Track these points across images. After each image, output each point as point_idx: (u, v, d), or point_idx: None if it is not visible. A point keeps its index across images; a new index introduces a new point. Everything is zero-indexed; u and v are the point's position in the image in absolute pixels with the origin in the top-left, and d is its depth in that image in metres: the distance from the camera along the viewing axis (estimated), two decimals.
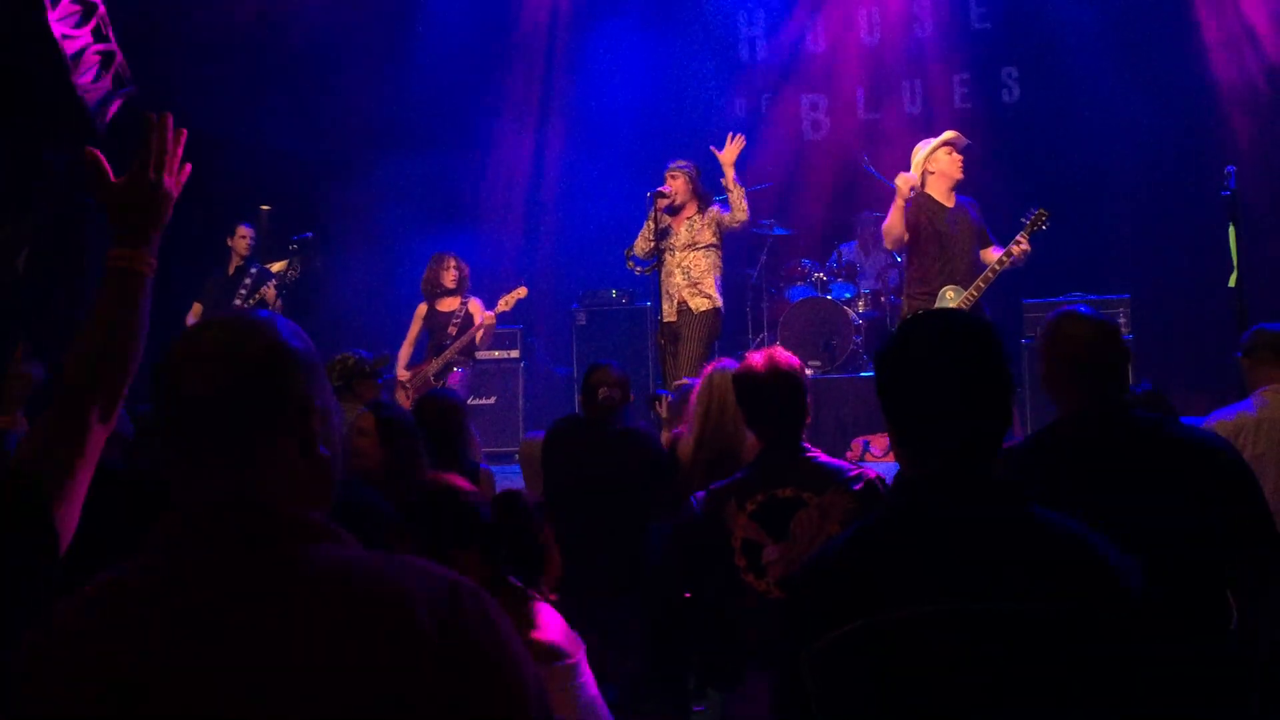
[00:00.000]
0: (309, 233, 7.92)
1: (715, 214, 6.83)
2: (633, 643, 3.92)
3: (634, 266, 7.07)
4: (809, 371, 3.74)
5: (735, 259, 8.08)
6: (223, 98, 8.84)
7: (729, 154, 6.78)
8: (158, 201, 1.80)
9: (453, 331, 7.39)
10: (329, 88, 9.76)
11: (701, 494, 3.13)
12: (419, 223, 9.40)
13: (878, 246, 8.79)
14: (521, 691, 1.20)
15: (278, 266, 7.81)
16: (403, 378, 7.36)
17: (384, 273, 9.52)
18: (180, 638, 1.14)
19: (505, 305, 7.34)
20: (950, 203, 6.18)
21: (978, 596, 1.49)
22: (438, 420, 4.20)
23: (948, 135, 6.25)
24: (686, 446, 4.02)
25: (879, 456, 7.07)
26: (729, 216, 6.79)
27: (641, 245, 6.94)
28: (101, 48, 7.24)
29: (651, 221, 6.77)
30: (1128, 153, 8.61)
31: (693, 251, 6.79)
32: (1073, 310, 2.58)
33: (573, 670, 2.32)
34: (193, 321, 7.62)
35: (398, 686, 1.13)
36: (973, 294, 5.95)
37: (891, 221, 6.17)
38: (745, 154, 6.94)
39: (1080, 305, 2.62)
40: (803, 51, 9.96)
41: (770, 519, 2.98)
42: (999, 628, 1.47)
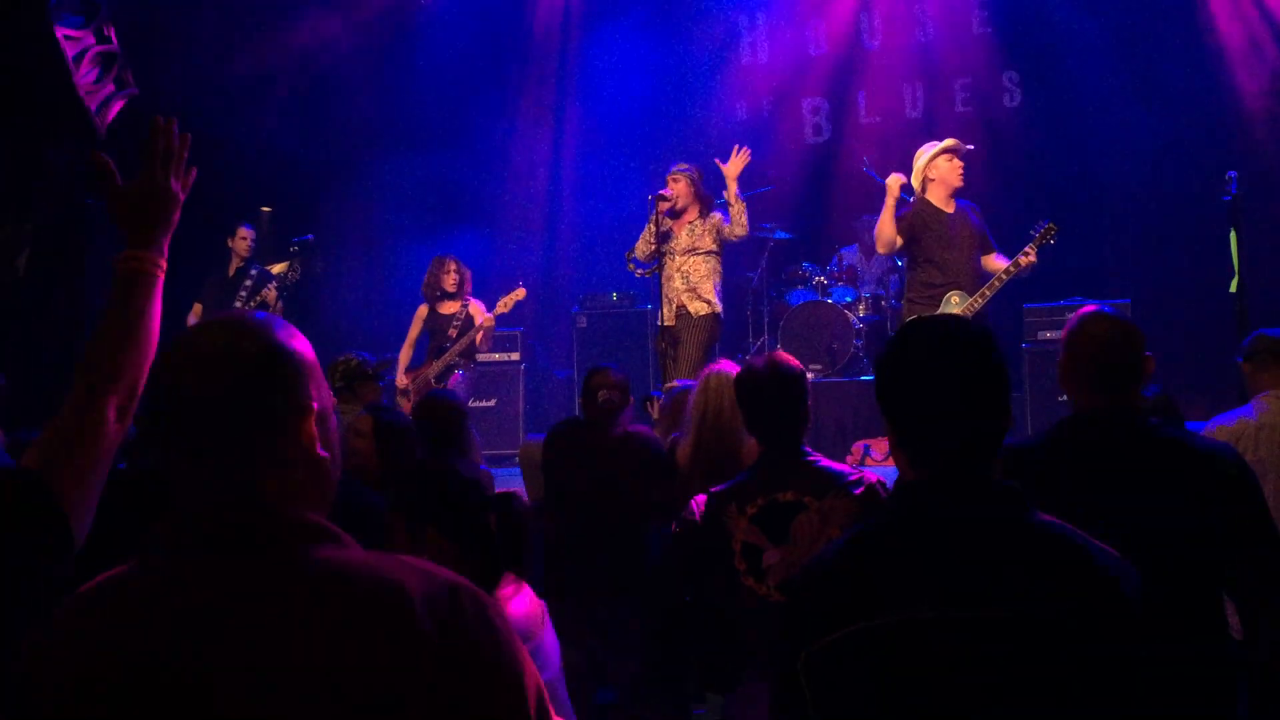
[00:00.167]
0: (310, 234, 7.92)
1: (717, 221, 6.81)
2: (633, 645, 3.93)
3: (635, 269, 7.06)
4: (809, 375, 3.75)
5: (736, 262, 8.09)
6: (224, 99, 8.85)
7: (733, 167, 6.74)
8: (165, 204, 1.82)
9: (453, 334, 7.39)
10: (330, 89, 9.77)
11: (702, 497, 3.13)
12: (420, 225, 9.42)
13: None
14: (520, 692, 1.20)
15: (278, 268, 7.80)
16: (403, 383, 7.35)
17: (385, 275, 9.53)
18: (180, 639, 1.14)
19: (504, 307, 7.33)
20: (950, 208, 6.16)
21: (976, 601, 1.49)
22: (438, 422, 4.21)
23: (948, 142, 6.24)
24: (684, 450, 4.02)
25: (879, 460, 7.06)
26: (728, 229, 6.77)
27: (642, 248, 6.93)
28: (103, 49, 7.25)
29: (653, 224, 6.77)
30: (1129, 157, 8.60)
31: (693, 256, 6.79)
32: (1098, 310, 2.59)
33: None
34: (193, 322, 7.61)
35: (397, 687, 1.13)
36: (977, 301, 5.93)
37: (882, 223, 6.15)
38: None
39: (1106, 306, 2.63)
40: (804, 55, 9.96)
41: (771, 522, 2.98)
42: (997, 632, 1.47)
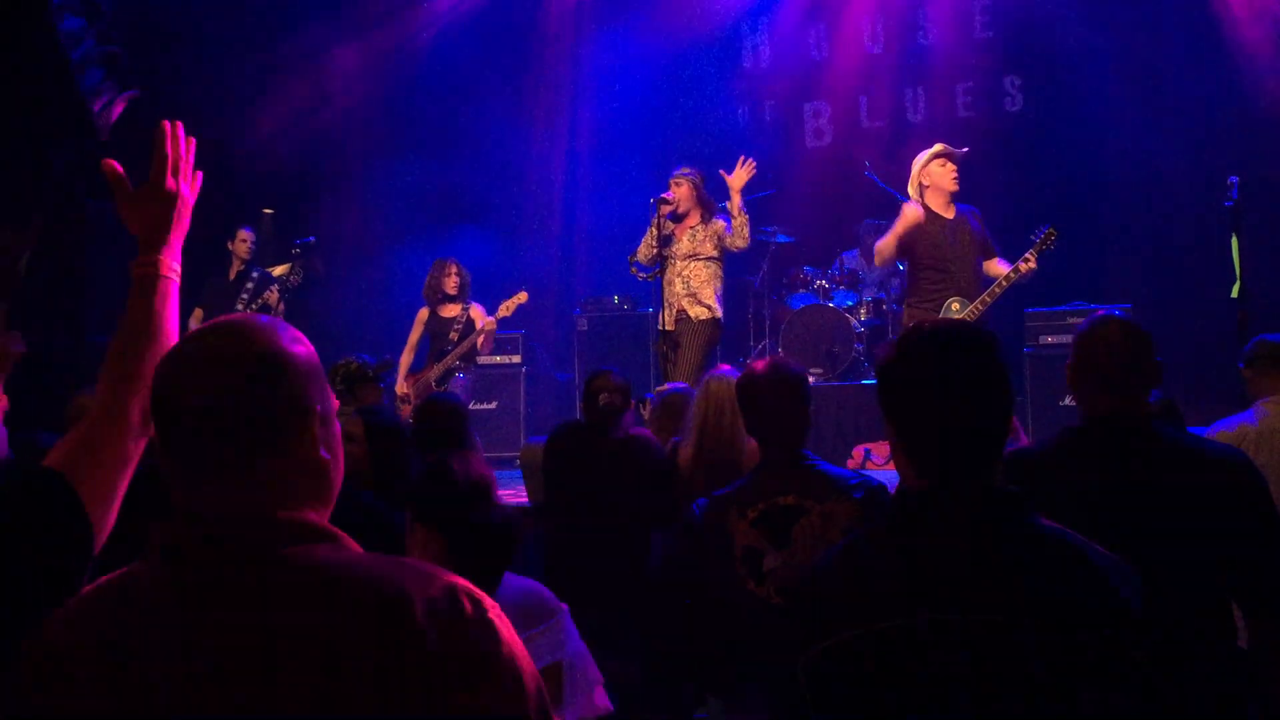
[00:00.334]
0: (311, 237, 7.92)
1: (719, 228, 6.79)
2: (633, 648, 3.92)
3: (637, 273, 7.06)
4: (810, 379, 3.74)
5: (737, 266, 8.08)
6: (226, 100, 8.87)
7: (738, 179, 6.71)
8: (175, 208, 1.83)
9: (454, 337, 7.38)
10: (333, 91, 9.78)
11: (703, 500, 3.13)
12: (422, 228, 9.42)
13: None
14: (521, 693, 1.20)
15: (280, 270, 7.79)
16: (403, 387, 7.35)
17: (386, 277, 9.53)
18: (179, 641, 1.14)
19: (506, 310, 7.32)
20: (950, 214, 6.12)
21: (977, 606, 1.49)
22: (440, 424, 4.20)
23: (937, 148, 6.19)
24: (685, 453, 4.02)
25: (880, 464, 7.06)
26: (729, 239, 6.75)
27: (644, 251, 6.93)
28: (105, 50, 7.27)
29: (654, 228, 6.77)
30: (1130, 162, 8.60)
31: (694, 262, 6.78)
32: (1109, 315, 2.59)
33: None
34: (195, 326, 7.60)
35: (397, 688, 1.13)
36: (978, 307, 5.91)
37: (885, 243, 6.12)
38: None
39: (1117, 310, 2.63)
40: (806, 59, 9.96)
41: (772, 526, 2.98)
42: (997, 637, 1.47)
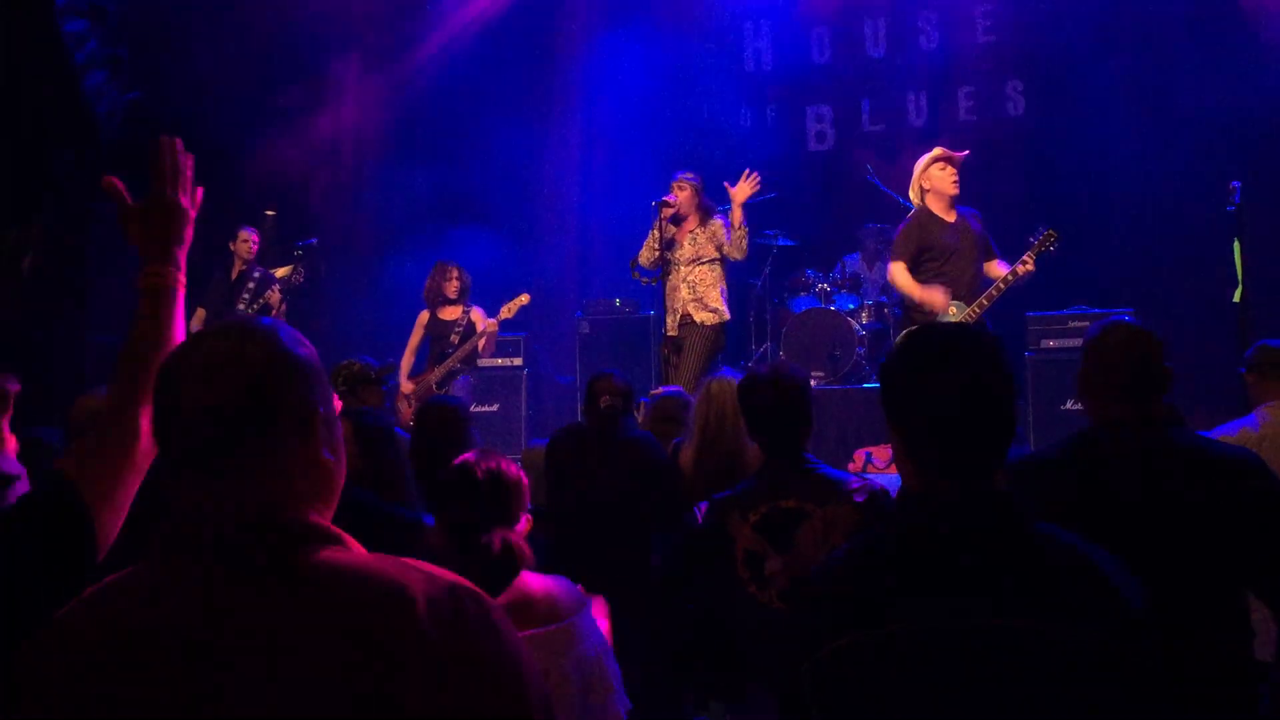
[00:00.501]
0: (313, 238, 7.92)
1: (717, 228, 6.79)
2: (635, 652, 3.91)
3: (639, 277, 7.05)
4: (812, 382, 3.74)
5: (739, 269, 8.07)
6: (229, 102, 8.87)
7: (741, 193, 6.70)
8: (177, 219, 1.85)
9: (455, 340, 7.38)
10: (335, 93, 9.79)
11: (705, 504, 3.13)
12: (424, 229, 9.42)
13: (882, 258, 8.79)
14: (524, 695, 1.20)
15: (282, 272, 7.79)
16: (406, 390, 7.35)
17: (388, 279, 9.53)
18: (181, 643, 1.14)
19: (508, 312, 7.32)
20: (950, 217, 6.12)
21: (980, 612, 1.49)
22: (440, 427, 4.20)
23: (937, 152, 6.19)
24: (687, 456, 4.02)
25: (881, 468, 7.05)
26: (728, 247, 6.75)
27: (647, 255, 6.92)
28: (109, 53, 7.28)
29: (656, 231, 6.76)
30: (1132, 166, 8.59)
31: (697, 266, 6.77)
32: (1119, 320, 2.60)
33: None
34: (196, 326, 7.62)
35: (400, 689, 1.12)
36: (975, 310, 5.91)
37: (901, 284, 6.11)
38: (750, 164, 6.93)
39: (1127, 316, 2.63)
40: (808, 63, 9.96)
41: (774, 530, 2.98)
42: (1001, 642, 1.47)
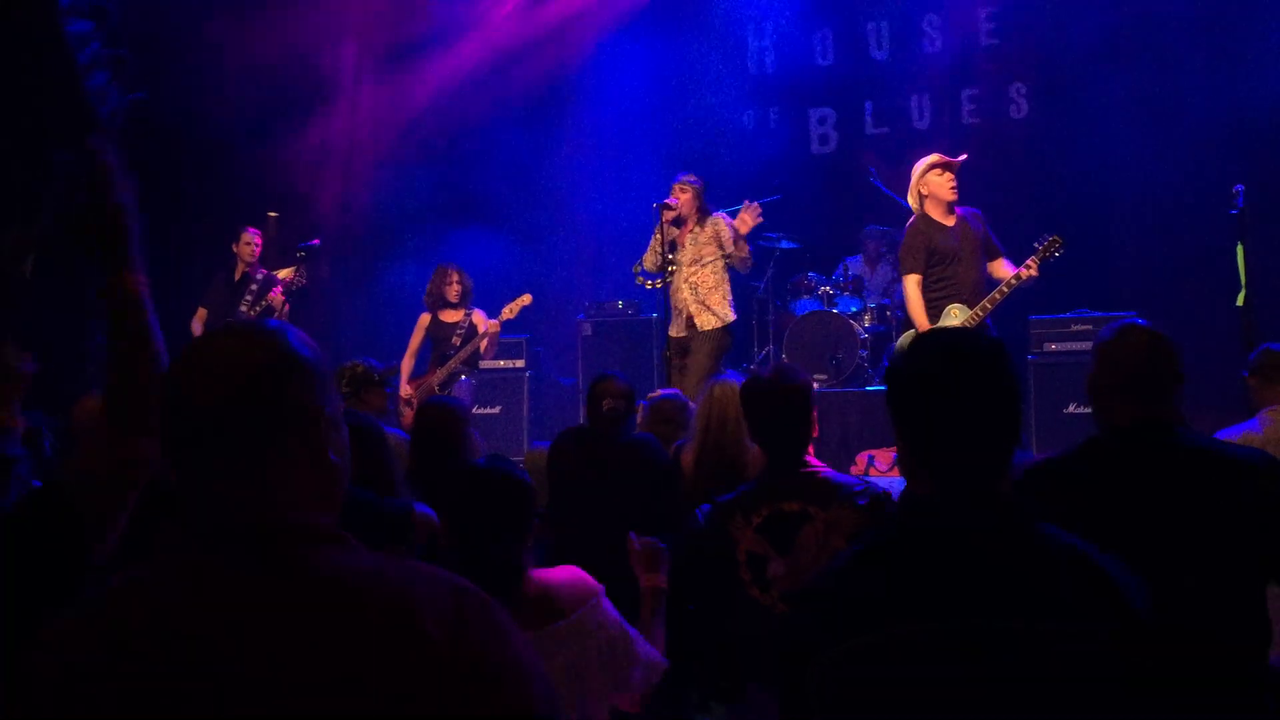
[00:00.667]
0: (316, 239, 7.92)
1: (718, 226, 6.78)
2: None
3: (643, 280, 7.04)
4: (814, 385, 3.74)
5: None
6: (231, 103, 8.87)
7: (744, 225, 6.71)
8: (121, 221, 1.85)
9: (456, 342, 7.38)
10: (339, 94, 9.79)
11: (707, 506, 3.13)
12: (426, 231, 9.43)
13: (884, 260, 8.80)
14: (529, 697, 1.19)
15: (284, 273, 7.80)
16: (406, 393, 7.34)
17: (391, 280, 9.54)
18: (185, 644, 1.14)
19: (510, 313, 7.32)
20: (950, 221, 6.10)
21: (984, 614, 1.49)
22: (439, 427, 4.20)
23: (932, 158, 6.17)
24: (688, 458, 4.02)
25: (883, 471, 7.05)
26: (732, 254, 6.74)
27: (650, 259, 6.92)
28: (112, 53, 7.29)
29: (659, 233, 6.76)
30: (1136, 169, 8.58)
31: (700, 267, 6.76)
32: (1133, 323, 2.55)
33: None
34: (198, 326, 7.61)
35: (403, 690, 1.13)
36: (978, 314, 5.89)
37: (911, 304, 6.08)
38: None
39: (1140, 319, 2.59)
40: (811, 65, 9.97)
41: (776, 533, 2.97)
42: (1005, 645, 1.47)
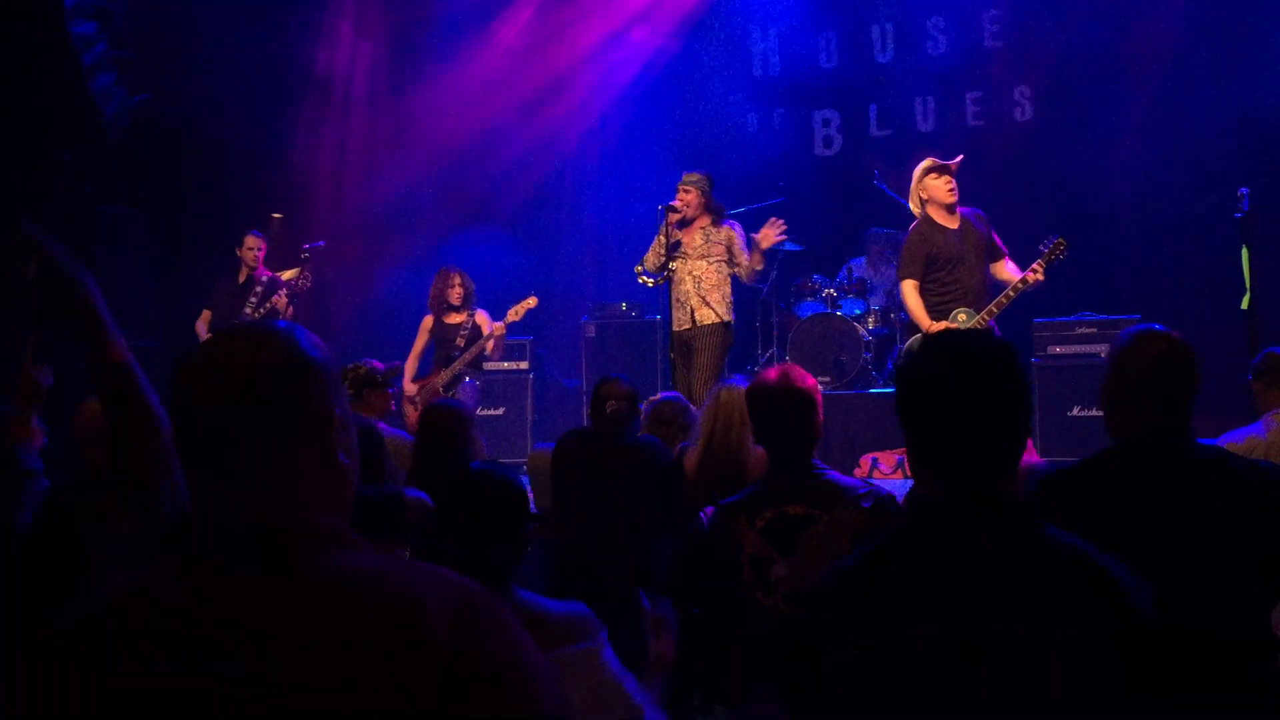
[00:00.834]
0: (320, 241, 7.93)
1: (731, 237, 6.78)
2: (638, 656, 3.91)
3: (645, 280, 7.04)
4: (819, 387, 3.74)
5: None
6: (234, 105, 8.89)
7: (766, 239, 6.73)
8: (82, 295, 1.83)
9: (460, 343, 7.38)
10: (341, 95, 9.80)
11: (711, 509, 3.13)
12: (430, 232, 9.43)
13: (887, 263, 8.78)
14: (535, 698, 1.19)
15: (288, 274, 7.81)
16: (410, 392, 7.35)
17: (394, 282, 9.54)
18: (192, 644, 1.14)
19: (515, 315, 7.32)
20: (953, 223, 6.09)
21: (985, 615, 1.49)
22: (443, 430, 4.21)
23: (928, 163, 6.16)
24: (692, 460, 4.02)
25: (887, 473, 7.05)
26: (741, 265, 6.75)
27: (652, 259, 6.92)
28: (117, 54, 7.30)
29: (662, 235, 6.76)
30: (1140, 172, 8.58)
31: (706, 261, 6.75)
32: (1151, 329, 2.48)
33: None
34: (202, 328, 7.62)
35: (410, 693, 1.12)
36: (985, 317, 5.87)
37: (911, 307, 6.09)
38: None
39: (1157, 325, 2.52)
40: (816, 67, 9.97)
41: (780, 535, 2.97)
42: (1009, 645, 1.47)
